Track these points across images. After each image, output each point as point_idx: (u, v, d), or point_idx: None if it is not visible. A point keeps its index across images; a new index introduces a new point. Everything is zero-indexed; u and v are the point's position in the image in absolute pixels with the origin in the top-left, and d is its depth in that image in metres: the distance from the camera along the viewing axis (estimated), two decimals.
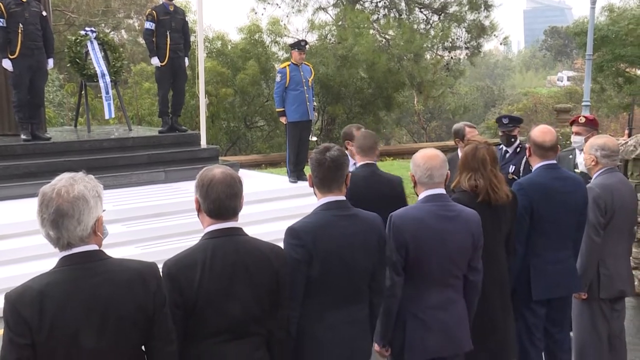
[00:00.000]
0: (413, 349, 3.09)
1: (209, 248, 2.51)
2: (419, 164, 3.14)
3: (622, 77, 16.12)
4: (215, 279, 2.46)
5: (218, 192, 2.51)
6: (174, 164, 8.13)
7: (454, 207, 3.17)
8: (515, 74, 62.98)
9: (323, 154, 2.89)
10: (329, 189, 2.89)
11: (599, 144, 4.04)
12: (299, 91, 8.70)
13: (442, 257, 3.08)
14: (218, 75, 18.37)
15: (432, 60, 22.38)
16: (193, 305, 2.44)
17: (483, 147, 3.47)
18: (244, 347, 2.54)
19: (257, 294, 2.54)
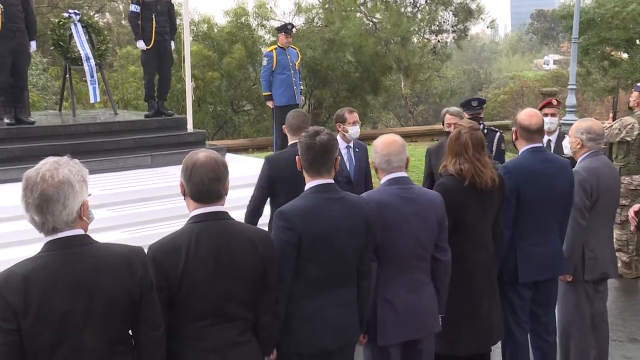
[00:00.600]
0: (385, 333, 3.13)
1: (193, 232, 2.50)
2: (377, 150, 3.21)
3: (608, 61, 16.18)
4: (200, 263, 2.46)
5: (201, 176, 2.51)
6: (160, 148, 8.06)
7: (417, 189, 3.23)
8: (502, 57, 63.05)
9: (313, 138, 2.88)
10: (319, 173, 2.90)
11: (584, 127, 4.06)
12: (286, 75, 8.66)
13: (409, 238, 3.12)
14: (204, 59, 18.22)
15: (419, 43, 22.33)
16: (178, 289, 2.44)
17: (467, 131, 3.48)
18: (229, 330, 2.54)
19: (242, 278, 2.54)
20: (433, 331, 3.26)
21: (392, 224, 3.10)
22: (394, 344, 3.17)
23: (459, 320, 3.44)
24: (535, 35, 49.81)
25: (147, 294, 2.28)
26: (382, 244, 3.09)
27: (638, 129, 6.15)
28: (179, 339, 2.50)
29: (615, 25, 15.11)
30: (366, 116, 22.68)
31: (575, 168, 4.01)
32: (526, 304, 3.92)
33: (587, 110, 21.58)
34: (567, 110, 13.33)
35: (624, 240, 6.32)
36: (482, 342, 3.57)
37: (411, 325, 3.17)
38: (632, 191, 6.25)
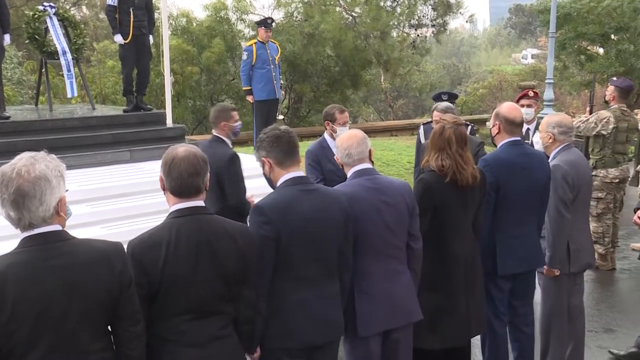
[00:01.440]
0: (364, 323, 3.15)
1: (173, 227, 2.50)
2: (337, 146, 3.29)
3: (584, 55, 16.37)
4: (180, 258, 2.46)
5: (180, 170, 2.51)
6: (139, 143, 7.99)
7: (382, 179, 3.27)
8: (480, 51, 63.44)
9: (280, 131, 2.94)
10: (287, 166, 2.93)
11: (555, 122, 4.12)
12: (266, 69, 8.64)
13: (381, 227, 3.14)
14: (183, 54, 18.07)
15: (398, 38, 22.37)
16: (158, 285, 2.43)
17: (450, 127, 3.49)
18: (210, 325, 2.54)
19: (223, 273, 2.54)
20: (413, 319, 3.29)
21: (363, 215, 3.12)
22: (374, 333, 3.18)
23: (438, 315, 3.47)
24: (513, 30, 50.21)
25: (126, 290, 2.27)
26: (356, 236, 3.10)
27: (613, 122, 6.23)
28: (159, 334, 2.49)
29: (591, 20, 15.28)
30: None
31: (555, 162, 4.04)
32: (505, 296, 3.96)
33: (564, 104, 21.79)
34: (544, 104, 13.46)
35: (600, 232, 6.41)
36: (460, 336, 3.59)
37: (391, 315, 3.19)
38: (608, 184, 6.34)
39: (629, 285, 6.29)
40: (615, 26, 14.99)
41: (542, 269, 4.08)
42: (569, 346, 4.26)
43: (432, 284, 3.44)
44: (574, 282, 4.25)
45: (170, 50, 10.43)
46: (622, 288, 6.24)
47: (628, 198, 7.31)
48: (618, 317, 5.45)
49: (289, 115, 19.73)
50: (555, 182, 3.96)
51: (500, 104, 4.11)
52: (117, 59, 12.90)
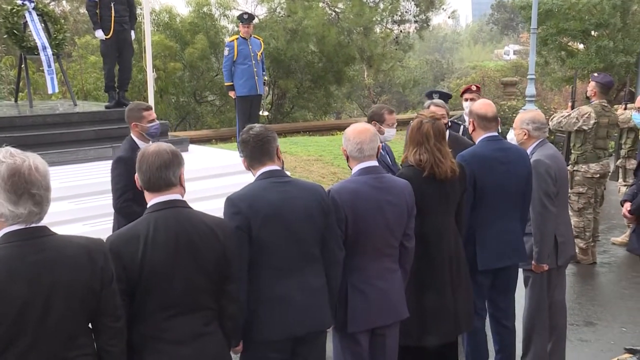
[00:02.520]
0: (355, 320, 3.16)
1: (151, 221, 2.50)
2: (349, 138, 3.22)
3: (565, 51, 16.49)
4: (158, 251, 2.45)
5: (149, 164, 2.53)
6: (122, 139, 7.87)
7: (388, 178, 3.26)
8: (463, 47, 63.66)
9: (246, 133, 2.98)
10: (261, 162, 2.96)
11: (529, 118, 4.16)
12: (248, 65, 8.61)
13: (382, 227, 3.15)
14: (166, 49, 17.93)
15: (381, 33, 22.39)
16: (137, 279, 2.42)
17: (428, 121, 3.51)
18: (193, 322, 2.53)
19: (203, 267, 2.53)
20: (401, 317, 3.31)
21: (366, 214, 3.12)
22: (363, 330, 3.19)
23: (425, 312, 3.48)
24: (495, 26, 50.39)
25: (107, 286, 2.26)
26: (356, 233, 3.10)
27: (594, 118, 6.29)
28: (141, 331, 2.48)
29: (572, 17, 15.40)
30: (330, 106, 22.68)
31: (536, 157, 4.07)
32: (483, 292, 3.98)
33: (546, 99, 21.95)
34: (526, 100, 13.55)
35: (581, 227, 6.48)
36: (448, 333, 3.61)
37: (381, 312, 3.21)
38: (589, 179, 6.41)
39: (609, 278, 6.37)
40: (595, 22, 15.13)
41: (528, 264, 4.09)
42: (551, 340, 4.30)
43: (417, 280, 3.45)
44: (559, 276, 4.29)
45: (153, 46, 10.35)
46: (603, 282, 6.32)
47: (608, 193, 7.41)
48: (599, 310, 5.52)
49: (273, 112, 19.68)
50: (538, 176, 3.99)
51: (473, 103, 4.15)
52: (98, 54, 12.77)
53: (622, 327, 5.15)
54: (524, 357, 4.26)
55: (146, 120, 4.54)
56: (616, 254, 6.98)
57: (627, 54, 14.99)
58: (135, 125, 4.51)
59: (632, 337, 4.86)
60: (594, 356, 4.71)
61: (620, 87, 14.60)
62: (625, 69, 15.14)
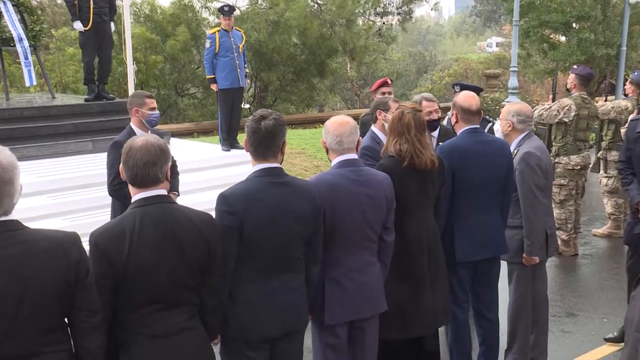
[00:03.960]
0: (332, 312, 3.16)
1: (137, 216, 2.47)
2: (329, 130, 3.21)
3: (547, 43, 16.60)
4: (144, 247, 2.43)
5: (136, 159, 2.49)
6: (102, 133, 7.87)
7: (367, 171, 3.25)
8: (446, 40, 63.84)
9: (258, 123, 2.87)
10: (264, 157, 2.90)
11: (514, 110, 4.18)
12: (229, 57, 8.56)
13: (360, 220, 3.15)
14: (147, 42, 17.79)
15: (364, 25, 22.39)
16: (122, 275, 2.41)
17: (410, 112, 3.51)
18: (176, 316, 2.53)
19: (188, 262, 2.52)
20: (379, 310, 3.32)
21: (344, 207, 3.12)
22: (341, 323, 3.20)
23: (403, 304, 3.49)
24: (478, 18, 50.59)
25: (82, 280, 2.25)
26: (333, 226, 3.10)
27: (575, 110, 6.35)
28: (124, 327, 2.47)
29: (554, 9, 15.49)
30: (313, 99, 22.66)
31: (525, 149, 4.07)
32: (465, 284, 3.99)
33: (528, 92, 22.13)
34: (509, 92, 13.64)
35: (563, 219, 6.54)
36: (427, 325, 3.61)
37: (359, 305, 3.21)
38: (570, 171, 6.47)
39: (590, 270, 6.44)
40: (576, 15, 15.24)
41: (515, 258, 4.11)
42: (534, 332, 4.34)
43: (396, 272, 3.46)
44: (541, 269, 4.33)
45: (133, 39, 10.26)
46: (584, 273, 6.39)
47: (589, 185, 7.48)
48: (580, 301, 5.58)
49: (255, 104, 19.59)
50: (530, 169, 4.00)
51: (457, 94, 4.15)
52: (77, 46, 12.62)
53: (603, 318, 5.21)
54: (508, 351, 4.28)
55: (147, 107, 4.58)
56: (597, 246, 7.07)
57: (608, 46, 15.13)
58: (137, 111, 4.55)
59: (612, 328, 4.92)
60: (575, 347, 4.76)
61: (601, 80, 14.74)
62: (606, 61, 15.28)
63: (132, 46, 9.23)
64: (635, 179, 4.61)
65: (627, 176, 4.69)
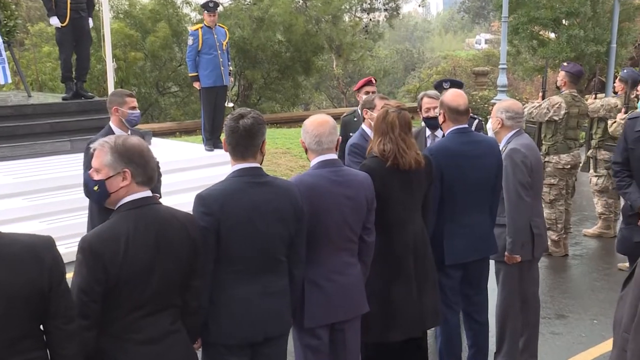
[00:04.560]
0: (312, 314, 3.16)
1: (130, 219, 2.47)
2: (308, 130, 3.21)
3: (536, 40, 16.73)
4: (139, 251, 2.44)
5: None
6: (81, 133, 7.82)
7: (347, 172, 3.26)
8: (434, 36, 64.16)
9: (236, 122, 2.87)
10: (242, 157, 2.89)
11: (504, 107, 4.19)
12: (213, 55, 8.54)
13: (340, 221, 3.16)
14: (126, 38, 17.71)
15: (350, 22, 22.45)
16: (116, 280, 2.40)
17: (394, 111, 3.52)
18: (163, 320, 2.54)
19: (178, 263, 2.54)
20: (361, 311, 3.33)
21: (323, 208, 3.12)
22: (321, 325, 3.21)
23: (387, 306, 3.50)
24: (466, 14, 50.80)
25: (56, 286, 2.23)
26: (313, 227, 3.10)
27: (565, 108, 6.40)
28: (112, 332, 2.46)
29: (543, 5, 15.62)
30: (298, 97, 22.67)
31: (512, 146, 4.09)
32: (456, 285, 4.01)
33: (517, 89, 22.27)
34: (498, 90, 13.73)
35: (553, 219, 6.59)
36: (414, 327, 3.61)
37: (339, 307, 3.22)
38: (560, 170, 6.52)
39: (581, 270, 6.50)
40: (566, 11, 15.37)
41: (501, 257, 4.14)
42: (524, 335, 4.36)
43: (381, 274, 3.46)
44: (532, 269, 4.35)
45: (112, 35, 10.20)
46: (575, 274, 6.44)
47: (579, 184, 7.54)
48: (570, 303, 5.62)
49: (239, 103, 19.57)
50: (514, 166, 4.02)
51: (445, 93, 4.15)
52: (54, 43, 12.53)
53: (594, 320, 5.26)
54: (497, 354, 4.30)
55: (128, 106, 4.52)
56: (588, 246, 7.13)
57: (598, 43, 15.27)
58: (116, 110, 4.48)
59: (602, 330, 4.97)
60: (566, 349, 4.80)
61: (591, 77, 14.87)
62: (595, 59, 15.43)
63: (111, 43, 9.18)
64: (634, 181, 4.41)
65: (624, 179, 4.47)
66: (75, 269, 2.40)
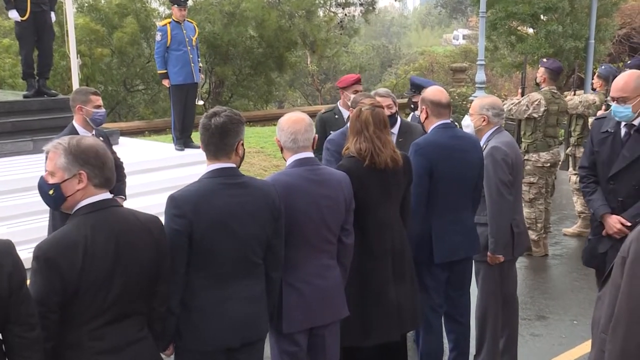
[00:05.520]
0: (290, 320, 3.15)
1: (87, 225, 2.43)
2: (283, 128, 3.21)
3: (515, 36, 16.89)
4: (99, 257, 2.40)
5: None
6: (43, 132, 7.71)
7: (324, 171, 3.27)
8: (411, 32, 64.57)
9: (209, 120, 2.86)
10: (215, 157, 2.88)
11: (488, 104, 4.23)
12: (182, 51, 8.49)
13: (318, 222, 3.16)
14: (92, 34, 17.50)
15: (325, 17, 22.47)
16: (75, 289, 2.36)
17: (368, 108, 3.53)
18: (128, 328, 2.51)
19: (142, 268, 2.51)
20: (340, 316, 3.33)
21: (300, 208, 3.12)
22: (300, 330, 3.20)
23: (365, 310, 3.50)
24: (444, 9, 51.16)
25: (16, 291, 2.20)
26: (290, 228, 3.10)
27: (544, 105, 6.47)
28: (73, 342, 2.42)
29: (521, 0, 15.78)
30: (271, 95, 22.62)
31: (493, 144, 4.13)
32: (441, 287, 4.03)
33: (496, 86, 22.49)
34: (476, 87, 13.85)
35: (533, 218, 6.66)
36: (391, 332, 3.62)
37: (318, 311, 3.21)
38: (540, 168, 6.59)
39: (561, 270, 6.58)
40: (544, 6, 15.53)
41: (483, 256, 4.17)
42: (504, 336, 4.41)
43: (359, 277, 3.47)
44: (511, 269, 4.39)
45: (77, 30, 10.07)
46: (555, 274, 6.53)
47: (559, 182, 7.65)
48: (551, 303, 5.70)
49: (210, 101, 19.47)
50: (495, 164, 4.05)
51: (425, 89, 4.20)
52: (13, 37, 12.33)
53: (574, 320, 5.33)
54: (477, 356, 4.34)
55: (92, 105, 4.47)
56: (567, 245, 7.23)
57: (576, 39, 15.47)
58: (80, 109, 4.44)
59: (582, 330, 5.04)
60: (546, 351, 4.86)
61: (570, 73, 15.10)
62: (574, 55, 15.64)
63: (75, 38, 9.06)
64: (599, 187, 4.15)
65: (589, 185, 4.20)
66: (30, 278, 2.36)
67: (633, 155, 3.93)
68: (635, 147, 3.93)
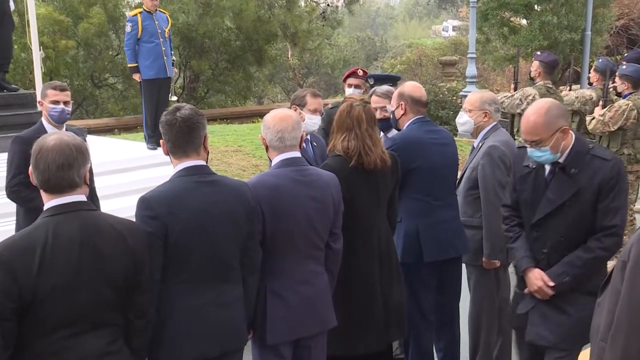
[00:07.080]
0: (275, 330, 3.14)
1: (49, 227, 2.41)
2: (269, 126, 3.21)
3: (507, 27, 17.00)
4: (59, 263, 2.38)
5: (47, 162, 2.44)
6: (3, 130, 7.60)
7: (312, 171, 3.27)
8: (398, 23, 64.72)
9: (173, 114, 2.86)
10: (185, 153, 2.88)
11: (489, 98, 4.24)
12: (154, 43, 8.44)
13: (305, 225, 3.16)
14: (55, 24, 17.33)
15: (306, 7, 22.43)
16: (32, 295, 2.34)
17: (359, 104, 3.54)
18: (98, 340, 2.48)
19: (111, 278, 2.48)
20: (328, 326, 3.33)
21: (286, 211, 3.12)
22: (285, 341, 3.19)
23: (353, 315, 3.51)
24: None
25: None
26: (275, 232, 3.10)
27: None
28: (33, 354, 2.40)
29: None
30: (250, 90, 22.57)
31: (490, 142, 4.14)
32: (431, 292, 4.05)
33: (488, 80, 22.63)
34: (467, 81, 13.93)
35: None
36: (378, 341, 3.63)
37: (305, 321, 3.21)
38: None
39: None
40: None
41: (475, 261, 4.18)
42: (498, 344, 4.43)
43: (344, 281, 3.48)
44: (505, 274, 4.41)
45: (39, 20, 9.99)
46: None
47: None
48: None
49: (184, 96, 19.39)
50: (493, 164, 4.07)
51: (403, 84, 4.23)
52: None
53: None
54: None
55: (49, 100, 4.47)
56: None
57: (572, 30, 15.59)
58: (41, 104, 4.51)
59: None
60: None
61: (565, 67, 15.21)
62: (570, 47, 15.77)
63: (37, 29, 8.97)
64: (523, 232, 3.52)
65: (512, 228, 3.60)
66: None
67: (558, 199, 3.30)
68: (561, 189, 3.30)
